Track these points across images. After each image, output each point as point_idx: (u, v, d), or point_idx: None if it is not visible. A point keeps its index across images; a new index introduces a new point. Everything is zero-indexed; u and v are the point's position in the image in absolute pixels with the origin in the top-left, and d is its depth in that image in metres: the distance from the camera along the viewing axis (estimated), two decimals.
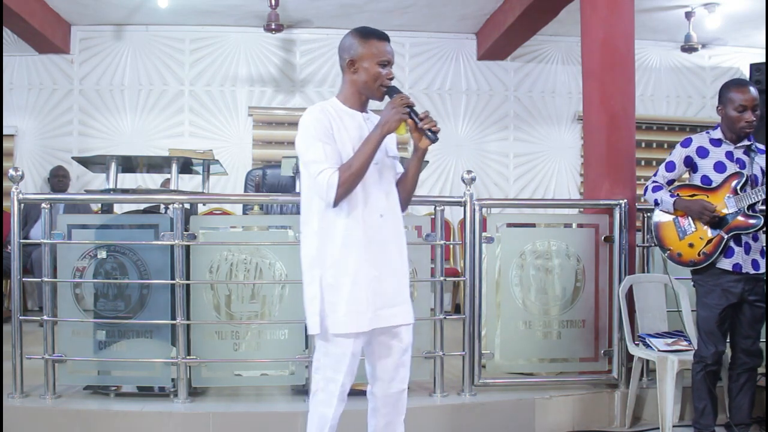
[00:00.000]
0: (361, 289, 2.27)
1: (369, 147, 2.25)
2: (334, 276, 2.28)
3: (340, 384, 2.30)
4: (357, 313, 2.26)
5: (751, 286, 3.05)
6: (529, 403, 3.51)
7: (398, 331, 2.36)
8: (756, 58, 6.47)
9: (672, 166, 3.22)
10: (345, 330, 2.26)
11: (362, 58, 2.32)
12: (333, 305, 2.28)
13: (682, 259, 3.15)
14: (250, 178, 5.56)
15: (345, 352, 2.28)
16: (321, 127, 2.27)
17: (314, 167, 2.25)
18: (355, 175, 2.23)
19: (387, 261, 2.33)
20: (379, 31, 2.38)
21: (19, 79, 6.89)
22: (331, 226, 2.30)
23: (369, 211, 2.30)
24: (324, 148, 2.25)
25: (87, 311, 3.41)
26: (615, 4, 3.95)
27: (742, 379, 3.10)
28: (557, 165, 7.44)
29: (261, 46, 7.11)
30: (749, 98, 3.03)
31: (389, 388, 2.39)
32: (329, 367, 2.31)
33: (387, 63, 2.33)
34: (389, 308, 2.32)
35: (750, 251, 3.05)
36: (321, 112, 2.31)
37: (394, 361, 2.37)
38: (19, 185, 3.35)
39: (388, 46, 2.35)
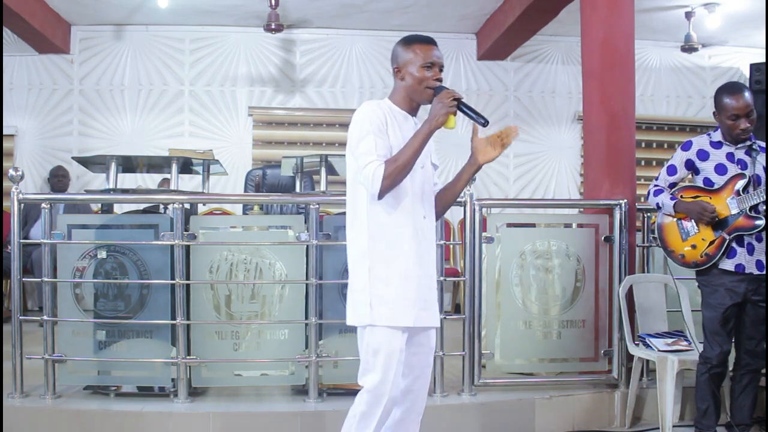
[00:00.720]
0: (410, 285, 2.30)
1: (417, 141, 2.27)
2: (384, 270, 2.30)
3: (391, 383, 2.26)
4: (404, 308, 2.29)
5: (755, 287, 3.04)
6: (529, 403, 3.51)
7: (430, 332, 2.41)
8: (756, 58, 6.48)
9: (673, 169, 3.22)
10: (391, 322, 2.27)
11: (407, 64, 2.38)
12: (380, 298, 2.29)
13: (685, 260, 3.15)
14: (250, 178, 5.57)
15: (400, 347, 2.27)
16: (376, 120, 2.30)
17: (363, 159, 2.26)
18: (401, 168, 2.24)
19: (429, 263, 2.38)
20: (424, 36, 2.42)
21: (19, 79, 6.89)
22: (382, 220, 2.32)
23: (416, 212, 2.35)
24: (376, 140, 2.27)
25: (87, 311, 3.41)
26: (615, 4, 3.95)
27: (744, 380, 3.09)
28: (557, 165, 7.44)
29: (261, 46, 7.11)
30: (742, 106, 3.01)
31: (413, 385, 2.40)
32: (381, 365, 2.26)
33: (431, 65, 2.36)
34: (428, 309, 2.36)
35: (753, 252, 3.05)
36: (378, 106, 2.35)
37: (421, 360, 2.39)
38: (19, 185, 3.35)
39: (433, 49, 2.39)
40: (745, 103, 3.02)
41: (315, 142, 7.08)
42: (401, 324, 2.28)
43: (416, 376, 2.39)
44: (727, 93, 3.06)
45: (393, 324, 2.27)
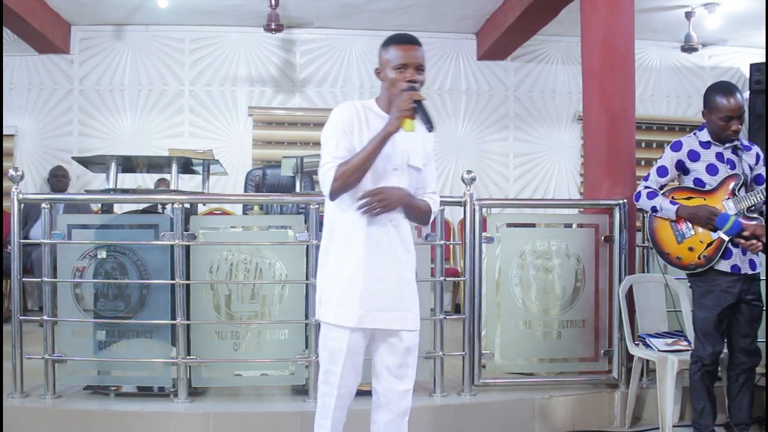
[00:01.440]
0: (358, 287, 2.31)
1: (371, 145, 2.26)
2: (335, 269, 2.35)
3: (339, 376, 2.33)
4: (348, 309, 2.31)
5: (749, 286, 3.05)
6: (529, 403, 3.52)
7: (400, 333, 2.39)
8: (756, 58, 6.49)
9: (664, 170, 3.19)
10: (333, 321, 2.33)
11: (383, 66, 2.38)
12: (329, 296, 2.35)
13: (682, 262, 3.13)
14: (250, 178, 5.57)
15: (340, 346, 2.32)
16: (340, 122, 2.32)
17: (321, 160, 2.31)
18: (352, 172, 2.25)
19: (392, 266, 2.36)
20: (401, 36, 2.39)
21: (19, 79, 6.89)
22: (337, 219, 2.37)
23: (379, 216, 2.32)
24: (337, 143, 2.29)
25: (87, 311, 3.41)
26: (615, 4, 3.95)
27: (741, 379, 3.10)
28: (557, 165, 7.44)
29: (261, 46, 7.11)
30: (735, 107, 3.00)
31: (391, 387, 2.40)
32: (326, 359, 2.37)
33: (404, 66, 2.33)
34: (389, 312, 2.35)
35: (747, 252, 3.05)
36: (347, 108, 2.36)
37: (396, 360, 2.39)
38: (19, 185, 3.35)
39: (409, 50, 2.34)
40: (738, 104, 3.01)
41: (315, 142, 7.06)
42: (342, 324, 2.31)
43: (395, 377, 2.40)
44: (721, 93, 3.03)
45: (334, 323, 2.33)
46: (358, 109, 2.36)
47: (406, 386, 2.42)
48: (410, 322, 2.41)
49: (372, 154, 2.26)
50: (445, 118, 7.24)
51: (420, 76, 2.35)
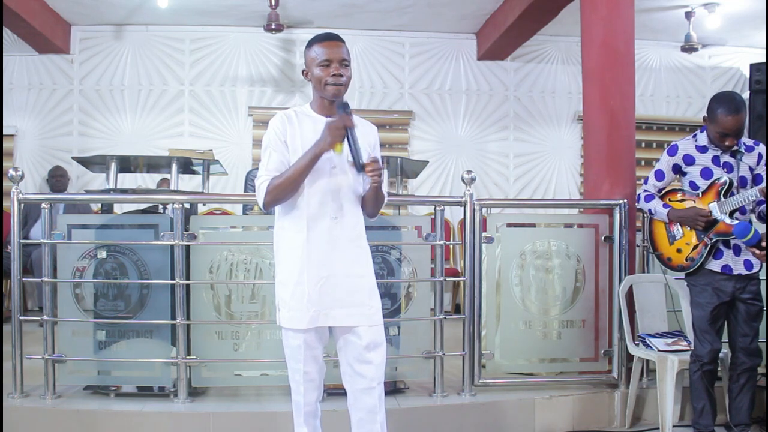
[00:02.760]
0: (304, 288, 2.36)
1: (302, 162, 2.33)
2: (282, 273, 2.44)
3: (302, 372, 2.39)
4: (298, 310, 2.37)
5: (743, 285, 3.07)
6: (529, 403, 3.51)
7: (358, 330, 2.40)
8: (756, 58, 6.49)
9: (661, 174, 3.27)
10: (287, 325, 2.41)
11: (308, 66, 2.46)
12: (282, 301, 2.44)
13: (672, 263, 3.22)
14: (250, 178, 5.56)
15: (298, 344, 2.39)
16: (274, 134, 2.41)
17: (259, 172, 2.40)
18: (284, 186, 2.34)
19: (340, 263, 2.39)
20: (323, 34, 2.45)
21: (19, 79, 6.89)
22: (282, 226, 2.45)
23: (319, 214, 2.37)
24: (270, 156, 2.39)
25: (87, 311, 3.40)
26: (615, 4, 3.95)
27: (741, 379, 3.10)
28: (557, 165, 7.44)
29: (261, 46, 7.11)
30: (732, 126, 3.00)
31: (354, 384, 2.42)
32: (290, 357, 2.44)
33: (328, 63, 2.38)
34: (341, 309, 2.38)
35: (740, 253, 3.07)
36: (280, 120, 2.44)
37: (354, 357, 2.41)
38: (19, 185, 3.35)
39: (331, 46, 2.40)
40: (738, 124, 3.01)
41: None
42: (295, 326, 2.37)
43: (356, 373, 2.41)
44: (724, 108, 3.01)
45: (288, 326, 2.40)
46: (290, 117, 2.44)
47: (367, 384, 2.40)
48: (365, 318, 2.41)
49: (304, 170, 2.33)
50: (445, 118, 7.24)
51: (346, 71, 2.42)
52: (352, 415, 2.45)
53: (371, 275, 2.47)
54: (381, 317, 2.45)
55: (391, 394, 3.46)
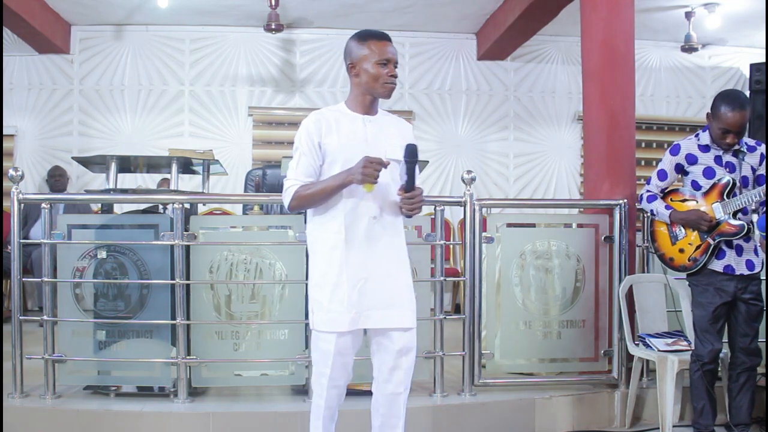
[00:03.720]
0: (344, 289, 2.31)
1: (330, 184, 2.32)
2: (320, 275, 2.37)
3: (328, 378, 2.35)
4: (337, 313, 2.32)
5: (745, 285, 3.07)
6: (529, 403, 3.52)
7: (392, 333, 2.38)
8: (756, 58, 6.49)
9: (664, 174, 3.25)
10: (324, 328, 2.35)
11: (362, 60, 2.39)
12: (318, 303, 2.37)
13: (674, 264, 3.21)
14: (250, 178, 5.56)
15: (329, 349, 2.34)
16: (306, 135, 2.37)
17: (288, 173, 2.39)
18: (309, 200, 2.34)
19: (379, 263, 2.36)
20: (378, 32, 2.41)
21: (19, 79, 6.89)
22: (320, 226, 2.39)
23: (359, 214, 2.34)
24: (300, 158, 2.37)
25: (87, 311, 3.40)
26: (615, 4, 3.95)
27: (741, 379, 3.10)
28: (557, 165, 7.44)
29: (261, 46, 7.11)
30: (734, 123, 3.01)
31: (384, 389, 2.41)
32: (318, 361, 2.40)
33: (386, 62, 2.36)
34: (380, 310, 2.35)
35: (742, 253, 3.07)
36: (314, 120, 2.39)
37: (388, 362, 2.39)
38: (19, 185, 3.35)
39: (388, 45, 2.38)
40: (741, 120, 3.01)
41: None
42: (334, 329, 2.32)
43: (384, 380, 2.39)
44: (727, 104, 3.02)
45: (326, 329, 2.34)
46: (326, 117, 2.40)
47: (397, 390, 2.40)
48: (403, 320, 2.39)
49: (329, 194, 2.32)
50: (445, 118, 7.24)
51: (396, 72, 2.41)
52: (375, 418, 2.44)
53: (409, 276, 2.45)
54: (415, 320, 2.44)
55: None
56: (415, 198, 2.31)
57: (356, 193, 2.33)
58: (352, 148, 2.35)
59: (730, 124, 3.01)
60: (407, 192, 2.31)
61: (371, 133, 2.38)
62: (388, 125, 2.47)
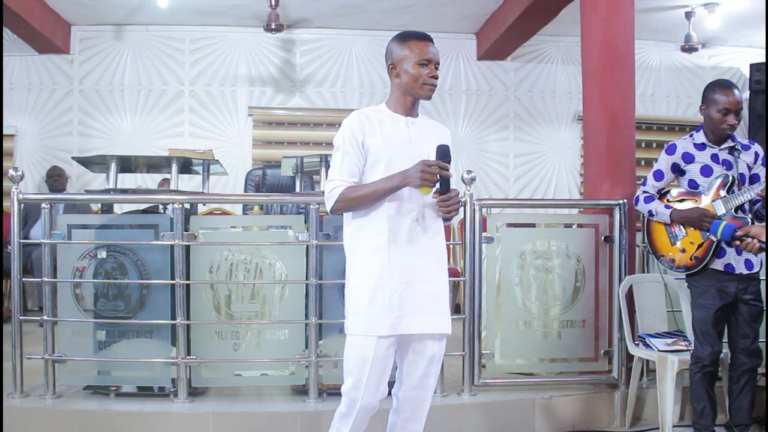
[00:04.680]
0: (386, 293, 2.26)
1: (383, 186, 2.25)
2: (360, 278, 2.31)
3: (363, 388, 2.27)
4: (378, 316, 2.26)
5: (745, 285, 3.06)
6: (529, 403, 3.51)
7: (426, 341, 2.33)
8: (756, 58, 6.50)
9: (660, 174, 3.24)
10: (363, 332, 2.27)
11: (402, 61, 2.36)
12: (356, 306, 2.30)
13: (676, 264, 3.17)
14: (250, 178, 5.58)
15: (367, 355, 2.26)
16: (350, 134, 2.31)
17: (330, 173, 2.31)
18: (358, 202, 2.27)
19: (420, 267, 2.31)
20: (419, 33, 2.39)
21: (19, 79, 6.90)
22: (361, 228, 2.33)
23: (402, 216, 2.29)
24: (344, 158, 2.30)
25: (87, 311, 3.40)
26: (615, 4, 3.95)
27: (742, 380, 3.09)
28: (557, 165, 7.45)
29: (261, 46, 7.11)
30: (733, 101, 3.02)
31: (412, 395, 2.37)
32: (352, 371, 2.30)
33: (427, 62, 2.33)
34: (420, 316, 2.29)
35: (742, 252, 3.06)
36: (357, 119, 2.33)
37: (420, 369, 2.35)
38: (19, 185, 3.35)
39: (429, 46, 2.35)
40: (736, 99, 3.04)
41: (315, 142, 7.07)
42: (373, 333, 2.26)
43: (414, 386, 2.36)
44: (719, 87, 3.08)
45: (364, 333, 2.27)
46: (369, 117, 2.35)
47: (425, 395, 2.38)
48: (440, 325, 2.33)
49: (381, 196, 2.26)
50: (445, 118, 7.24)
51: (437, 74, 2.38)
52: (396, 419, 2.41)
53: (447, 281, 2.41)
54: (451, 326, 2.38)
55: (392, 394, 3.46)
56: (450, 200, 2.25)
57: (398, 195, 2.29)
58: (395, 149, 2.31)
59: (729, 101, 3.02)
60: (443, 194, 2.26)
61: (414, 135, 2.34)
62: (429, 129, 2.43)
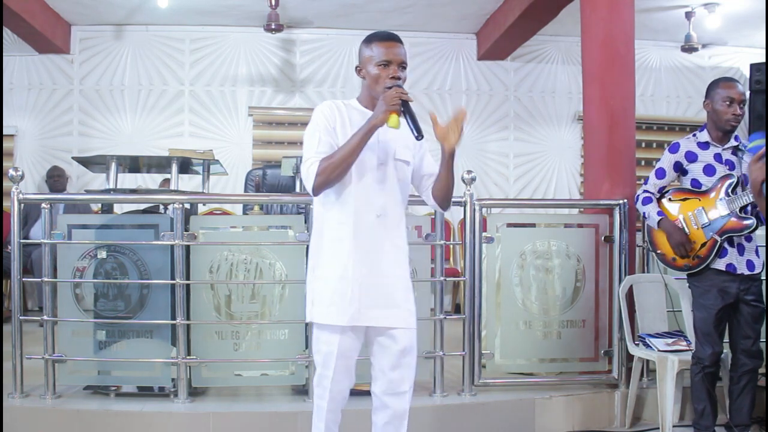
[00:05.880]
0: (348, 284, 2.29)
1: (354, 139, 2.25)
2: (324, 268, 2.34)
3: (330, 380, 2.33)
4: (339, 306, 2.29)
5: (747, 286, 3.05)
6: (529, 403, 3.51)
7: (394, 333, 2.36)
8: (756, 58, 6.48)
9: (662, 173, 3.22)
10: (325, 321, 2.32)
11: (365, 63, 2.36)
12: (319, 296, 2.34)
13: (677, 263, 3.17)
14: (250, 178, 5.57)
15: (332, 350, 2.31)
16: (323, 119, 2.32)
17: (304, 156, 2.32)
18: (335, 166, 2.24)
19: (381, 262, 2.34)
20: (383, 33, 2.38)
21: (19, 79, 6.89)
22: (326, 219, 2.37)
23: (365, 210, 2.32)
24: (319, 138, 2.30)
25: (87, 311, 3.41)
26: (615, 4, 3.95)
27: (743, 381, 3.09)
28: (557, 165, 7.44)
29: (261, 46, 7.11)
30: (736, 93, 3.06)
31: (387, 389, 2.39)
32: (320, 363, 2.37)
33: (387, 63, 2.32)
34: (380, 309, 2.33)
35: (744, 252, 3.06)
36: (328, 106, 2.36)
37: (390, 362, 2.37)
38: (19, 185, 3.35)
39: (391, 47, 2.34)
40: (740, 91, 3.07)
41: None
42: (334, 323, 2.30)
43: (389, 379, 2.37)
44: (723, 81, 3.13)
45: (326, 322, 2.31)
46: (339, 107, 2.37)
47: (401, 389, 2.39)
48: (402, 320, 2.37)
49: (356, 148, 2.24)
50: (445, 117, 7.22)
51: (403, 74, 2.35)
52: (379, 418, 2.42)
53: (408, 276, 2.43)
54: (415, 320, 2.41)
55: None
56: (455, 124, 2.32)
57: (364, 190, 2.31)
58: None
59: (733, 92, 3.05)
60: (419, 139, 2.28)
61: (381, 131, 2.34)
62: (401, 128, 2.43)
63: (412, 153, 2.45)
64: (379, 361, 2.38)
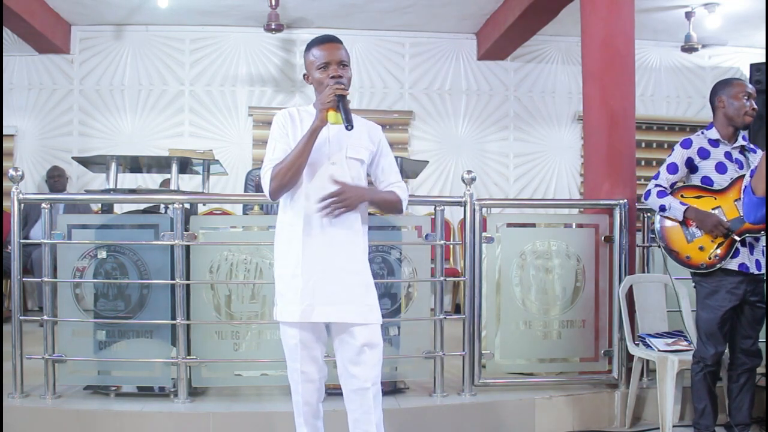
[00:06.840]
0: (299, 281, 2.36)
1: (301, 143, 2.32)
2: (280, 267, 2.45)
3: (299, 371, 2.41)
4: (291, 303, 2.37)
5: (753, 287, 3.04)
6: (529, 403, 3.51)
7: (352, 329, 2.38)
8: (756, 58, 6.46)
9: (675, 168, 3.16)
10: (280, 318, 2.42)
11: (309, 69, 2.48)
12: (279, 293, 2.45)
13: (692, 262, 3.10)
14: (250, 178, 5.56)
15: (295, 343, 2.40)
16: (277, 128, 2.44)
17: (262, 165, 2.41)
18: (287, 169, 2.31)
19: (335, 258, 2.37)
20: (320, 37, 2.45)
21: (19, 79, 6.90)
22: (280, 220, 2.47)
23: (316, 209, 2.35)
24: (274, 147, 2.40)
25: (87, 311, 3.40)
26: (615, 4, 3.95)
27: (741, 379, 3.09)
28: (557, 165, 7.45)
29: (261, 46, 7.11)
30: (751, 89, 3.11)
31: (348, 385, 2.42)
32: (288, 356, 2.45)
33: (326, 65, 2.39)
34: (333, 305, 2.36)
35: (754, 251, 3.05)
36: (283, 115, 2.46)
37: (350, 358, 2.39)
38: (19, 185, 3.35)
39: (329, 48, 2.40)
40: (753, 88, 3.13)
41: None
42: (286, 319, 2.39)
43: (350, 375, 2.40)
44: (734, 79, 3.15)
45: (282, 319, 2.41)
46: (292, 114, 2.47)
47: (361, 384, 2.38)
48: (359, 315, 2.38)
49: (303, 150, 2.31)
50: (445, 118, 7.24)
51: (344, 71, 2.40)
52: (349, 415, 2.44)
53: (367, 273, 2.45)
54: (378, 316, 2.42)
55: (391, 394, 3.46)
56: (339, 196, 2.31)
57: (314, 188, 2.36)
58: None
59: (749, 88, 3.08)
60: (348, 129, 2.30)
61: (333, 132, 2.40)
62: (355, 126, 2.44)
63: (368, 152, 2.48)
64: (340, 357, 2.43)
